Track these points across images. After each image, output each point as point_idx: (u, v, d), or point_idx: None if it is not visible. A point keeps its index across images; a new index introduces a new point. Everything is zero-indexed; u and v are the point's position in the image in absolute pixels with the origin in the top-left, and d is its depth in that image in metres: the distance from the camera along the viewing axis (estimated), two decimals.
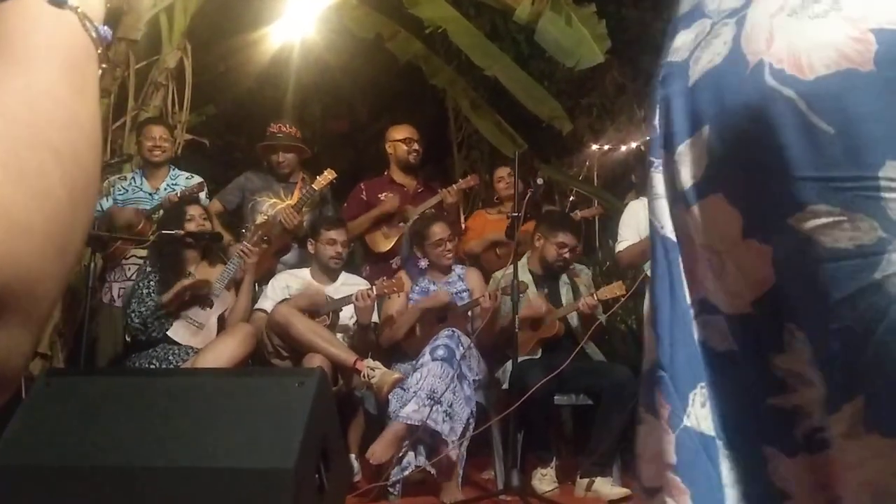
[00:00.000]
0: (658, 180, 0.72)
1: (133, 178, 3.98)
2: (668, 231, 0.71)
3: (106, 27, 0.48)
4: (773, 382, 0.63)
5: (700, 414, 0.66)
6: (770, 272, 0.61)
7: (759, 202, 0.61)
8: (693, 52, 0.71)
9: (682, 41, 0.74)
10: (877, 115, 0.55)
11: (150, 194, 3.93)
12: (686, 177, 0.68)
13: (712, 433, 0.66)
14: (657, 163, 0.73)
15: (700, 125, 0.67)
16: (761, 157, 0.60)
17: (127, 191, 3.94)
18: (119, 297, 3.77)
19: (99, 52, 0.48)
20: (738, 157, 0.62)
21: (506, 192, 4.34)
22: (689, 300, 0.69)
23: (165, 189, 3.95)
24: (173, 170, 4.06)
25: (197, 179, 4.03)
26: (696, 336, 0.68)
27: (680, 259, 0.70)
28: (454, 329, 3.41)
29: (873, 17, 0.56)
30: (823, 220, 0.56)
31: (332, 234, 3.67)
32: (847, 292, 0.56)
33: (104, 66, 0.49)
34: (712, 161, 0.65)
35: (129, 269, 3.80)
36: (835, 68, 0.56)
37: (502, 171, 4.47)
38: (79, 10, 0.46)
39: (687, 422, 0.66)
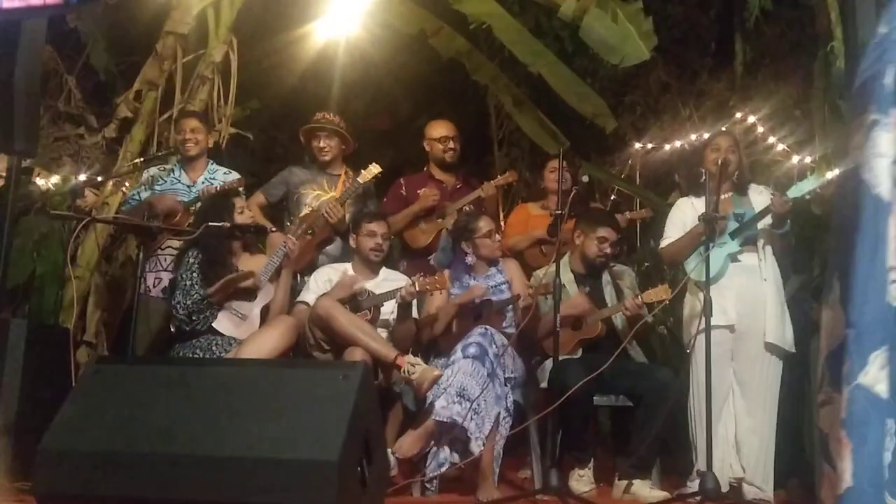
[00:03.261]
0: (883, 139, 0.73)
1: (173, 170, 4.04)
2: (884, 191, 0.72)
3: None
4: None
5: (878, 375, 0.67)
6: None
7: None
8: None
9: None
10: None
11: (189, 186, 3.99)
12: None
13: (885, 395, 0.67)
14: (884, 121, 0.73)
15: None
16: None
17: (166, 182, 4.00)
18: (154, 286, 3.80)
19: None
20: None
21: (554, 184, 4.20)
22: (890, 263, 0.69)
23: (203, 182, 4.00)
24: (211, 163, 4.10)
25: (234, 175, 4.07)
26: (890, 299, 0.69)
27: (890, 221, 0.71)
28: (487, 327, 3.39)
29: None
30: None
31: (372, 226, 3.68)
32: None
33: None
34: None
35: (166, 259, 3.84)
36: None
37: (554, 164, 4.27)
38: None
39: (862, 379, 0.67)
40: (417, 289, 3.44)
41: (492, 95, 6.47)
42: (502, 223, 4.58)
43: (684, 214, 3.56)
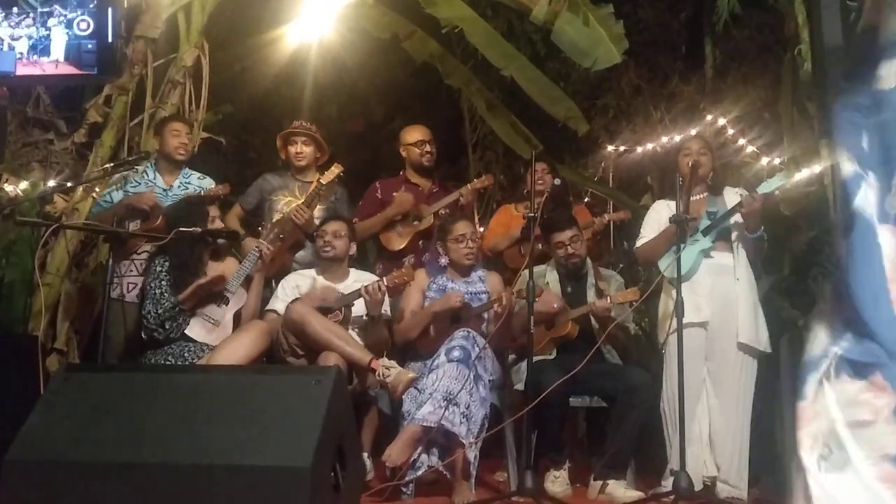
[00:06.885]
0: (867, 196, 0.77)
1: (146, 172, 3.98)
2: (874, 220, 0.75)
3: None
4: None
5: None
6: None
7: None
8: None
9: (888, 70, 0.79)
10: None
11: (165, 190, 3.95)
12: None
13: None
14: (870, 177, 0.77)
15: None
16: None
17: (140, 184, 3.95)
18: (129, 292, 3.76)
19: None
20: None
21: (540, 186, 4.18)
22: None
23: (179, 187, 3.96)
24: (184, 168, 4.08)
25: (208, 180, 4.06)
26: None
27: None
28: (469, 330, 3.40)
29: None
30: None
31: (323, 227, 3.74)
32: None
33: None
34: None
35: (141, 264, 3.79)
36: None
37: (539, 167, 4.25)
38: None
39: None
40: (387, 284, 3.44)
41: (465, 99, 6.48)
42: (478, 226, 4.59)
43: (660, 216, 3.60)
